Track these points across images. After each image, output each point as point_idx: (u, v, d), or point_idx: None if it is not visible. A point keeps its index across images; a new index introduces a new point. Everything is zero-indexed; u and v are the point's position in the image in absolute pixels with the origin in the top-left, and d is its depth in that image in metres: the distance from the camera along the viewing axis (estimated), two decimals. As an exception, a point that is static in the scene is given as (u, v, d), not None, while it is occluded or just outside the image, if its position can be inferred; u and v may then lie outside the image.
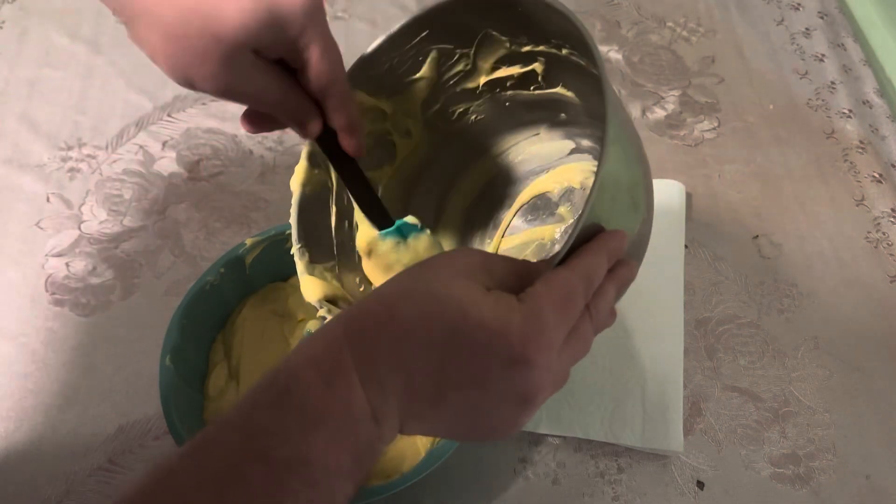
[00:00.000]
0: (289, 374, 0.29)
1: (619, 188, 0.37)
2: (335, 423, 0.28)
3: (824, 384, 0.58)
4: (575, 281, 0.32)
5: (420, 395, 0.29)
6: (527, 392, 0.30)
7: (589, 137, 0.52)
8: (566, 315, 0.31)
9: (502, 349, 0.29)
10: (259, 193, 0.66)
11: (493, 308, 0.30)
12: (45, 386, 0.55)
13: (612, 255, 0.35)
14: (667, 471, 0.53)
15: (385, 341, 0.29)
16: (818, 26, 0.84)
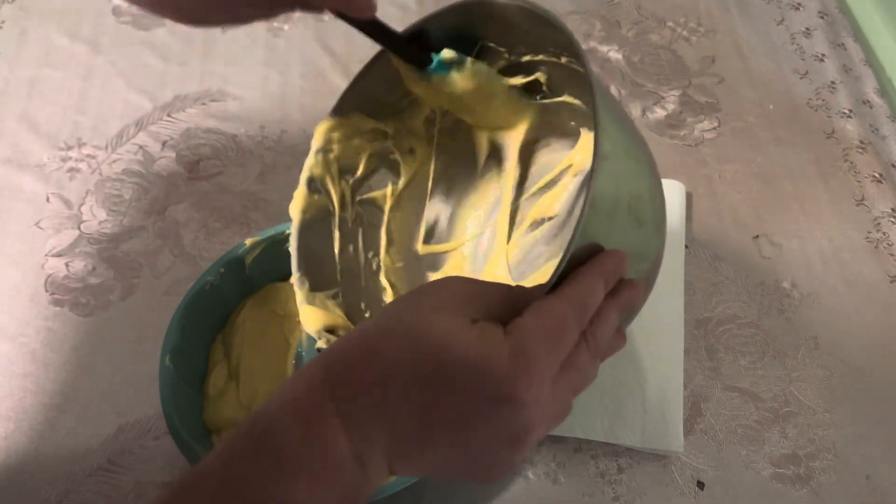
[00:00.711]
0: (266, 420, 0.28)
1: (618, 205, 0.35)
2: (315, 471, 0.27)
3: (824, 384, 0.58)
4: (565, 309, 0.30)
5: (405, 437, 0.28)
6: (517, 432, 0.29)
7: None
8: (557, 347, 0.30)
9: (487, 388, 0.28)
10: (259, 193, 0.66)
11: (477, 343, 0.28)
12: (45, 386, 0.55)
13: (609, 276, 0.33)
14: (667, 471, 0.53)
15: (366, 384, 0.28)
16: (818, 26, 0.84)
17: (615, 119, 0.37)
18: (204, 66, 0.76)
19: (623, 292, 0.35)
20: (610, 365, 0.57)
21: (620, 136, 0.37)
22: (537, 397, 0.28)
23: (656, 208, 0.40)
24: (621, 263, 0.34)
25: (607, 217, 0.35)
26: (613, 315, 0.34)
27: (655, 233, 0.40)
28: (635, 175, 0.38)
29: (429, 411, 0.28)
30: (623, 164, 0.36)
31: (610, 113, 0.36)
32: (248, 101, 0.73)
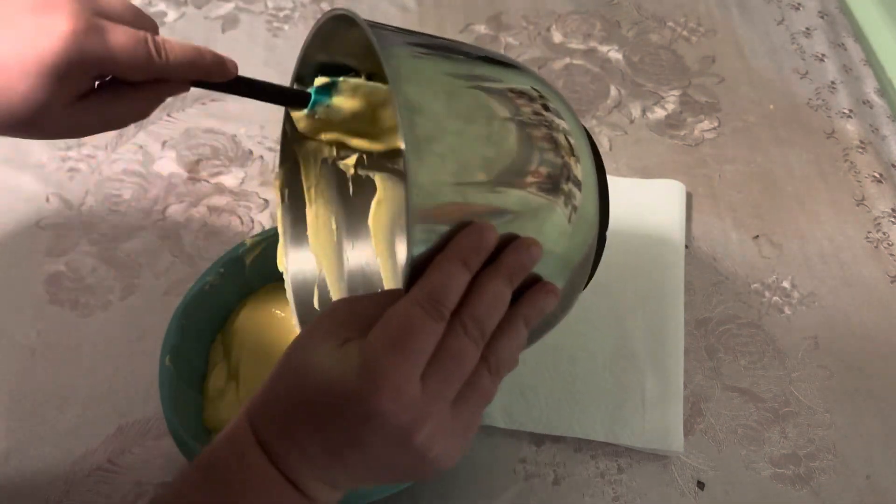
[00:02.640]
0: (209, 454, 0.31)
1: (461, 176, 0.32)
2: (253, 490, 0.30)
3: (824, 384, 0.58)
4: (408, 309, 0.30)
5: (320, 461, 0.31)
6: (401, 437, 0.30)
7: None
8: (405, 349, 0.29)
9: (352, 407, 0.29)
10: (259, 193, 0.66)
11: (338, 368, 0.30)
12: (45, 386, 0.55)
13: (469, 258, 0.31)
14: (667, 471, 0.53)
15: (273, 420, 0.31)
16: (818, 26, 0.84)
17: (425, 82, 0.33)
18: (204, 66, 0.76)
19: (508, 256, 0.32)
20: (610, 365, 0.57)
21: (438, 98, 0.33)
22: (398, 404, 0.29)
23: (551, 167, 0.35)
24: (481, 236, 0.31)
25: (453, 194, 0.31)
26: (518, 327, 0.33)
27: (555, 199, 0.34)
28: (480, 136, 0.33)
29: (324, 435, 0.30)
30: (451, 124, 0.32)
31: (409, 66, 0.32)
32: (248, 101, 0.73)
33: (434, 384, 0.30)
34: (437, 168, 0.31)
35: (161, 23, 0.80)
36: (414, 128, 0.30)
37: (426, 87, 0.32)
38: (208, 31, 0.79)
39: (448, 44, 0.38)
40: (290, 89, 0.42)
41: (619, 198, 0.67)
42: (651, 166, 0.71)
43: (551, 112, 0.36)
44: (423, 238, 0.31)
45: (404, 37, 0.36)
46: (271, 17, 0.81)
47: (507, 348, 0.33)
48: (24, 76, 0.32)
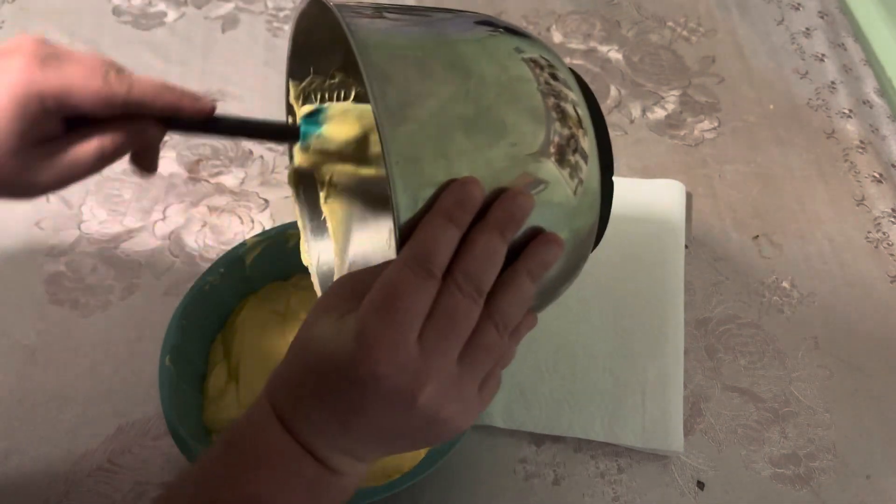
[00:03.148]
0: (231, 431, 0.32)
1: (441, 128, 0.31)
2: (275, 464, 0.31)
3: (824, 384, 0.58)
4: (397, 272, 0.30)
5: (332, 431, 0.31)
6: (403, 401, 0.30)
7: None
8: (395, 310, 0.29)
9: (350, 376, 0.29)
10: (259, 193, 0.66)
11: (337, 338, 0.30)
12: (45, 386, 0.55)
13: (454, 214, 0.30)
14: (667, 471, 0.53)
15: (287, 393, 0.32)
16: (818, 26, 0.84)
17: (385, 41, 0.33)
18: (204, 66, 0.76)
19: (496, 212, 0.32)
20: (610, 365, 0.57)
21: (399, 50, 0.32)
22: (392, 367, 0.29)
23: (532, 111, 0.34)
24: (463, 189, 0.31)
25: (433, 154, 0.31)
26: (521, 279, 0.32)
27: (544, 150, 0.33)
28: (457, 95, 0.32)
29: (331, 405, 0.30)
30: (425, 87, 0.32)
31: (372, 35, 0.32)
32: (248, 101, 0.73)
33: (431, 343, 0.30)
34: (413, 131, 0.31)
35: (161, 23, 0.80)
36: (385, 96, 0.30)
37: (396, 54, 0.32)
38: (208, 31, 0.79)
39: (422, 10, 0.37)
40: (275, 123, 0.41)
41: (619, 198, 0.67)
42: (651, 166, 0.71)
43: (542, 68, 0.35)
44: (409, 203, 0.30)
45: (377, 10, 0.35)
46: (271, 17, 0.81)
47: (511, 303, 0.32)
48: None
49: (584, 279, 0.61)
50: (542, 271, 0.33)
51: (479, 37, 0.35)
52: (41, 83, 0.34)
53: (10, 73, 0.34)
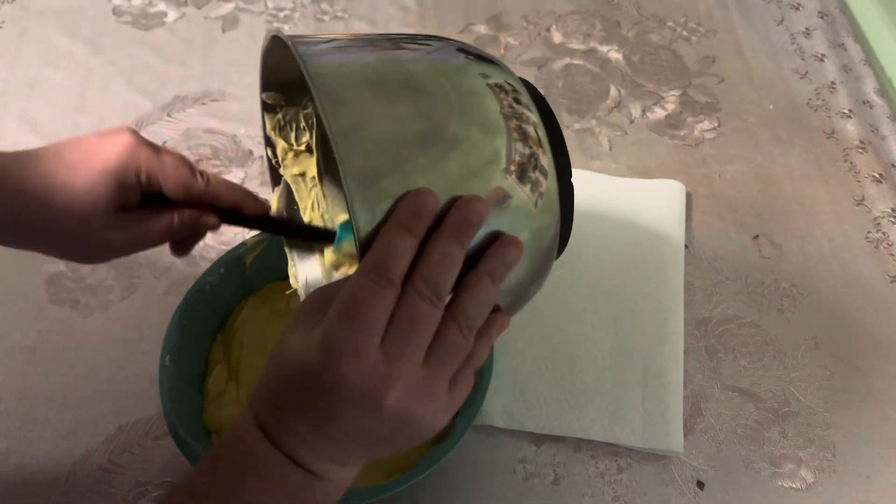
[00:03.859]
0: (220, 442, 0.34)
1: (398, 140, 0.33)
2: (260, 473, 0.32)
3: (824, 384, 0.58)
4: (357, 280, 0.31)
5: (311, 439, 0.32)
6: (369, 404, 0.31)
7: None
8: (355, 318, 0.30)
9: (319, 384, 0.31)
10: (259, 193, 0.66)
11: (304, 350, 0.31)
12: (45, 386, 0.55)
13: (409, 223, 0.32)
14: (667, 471, 0.53)
15: (266, 405, 0.33)
16: (818, 26, 0.84)
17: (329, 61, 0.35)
18: (204, 66, 0.76)
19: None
20: (610, 365, 0.57)
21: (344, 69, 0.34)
22: (357, 371, 0.30)
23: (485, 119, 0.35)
24: (416, 199, 0.32)
25: (388, 169, 0.32)
26: (481, 281, 0.33)
27: (469, 147, 0.34)
28: (409, 113, 0.34)
29: (305, 414, 0.32)
30: (377, 108, 0.33)
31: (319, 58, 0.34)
32: (248, 101, 0.73)
33: (393, 348, 0.31)
34: (368, 149, 0.32)
35: (161, 23, 0.80)
36: (339, 118, 0.32)
37: (348, 78, 0.34)
38: (208, 32, 0.79)
39: (377, 38, 0.39)
40: (317, 228, 0.45)
41: (619, 198, 0.68)
42: (651, 166, 0.71)
43: (506, 93, 0.37)
44: (368, 217, 0.32)
45: (331, 40, 0.37)
46: (271, 17, 0.81)
47: (473, 303, 0.33)
48: (88, 173, 0.39)
49: (584, 279, 0.61)
50: (504, 272, 0.34)
51: (440, 61, 0.37)
52: (141, 159, 0.40)
53: (118, 146, 0.40)
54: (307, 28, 0.80)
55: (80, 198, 0.39)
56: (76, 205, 0.39)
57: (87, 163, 0.39)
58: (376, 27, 0.81)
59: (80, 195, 0.39)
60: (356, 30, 0.80)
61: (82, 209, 0.39)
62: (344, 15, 0.82)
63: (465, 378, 0.34)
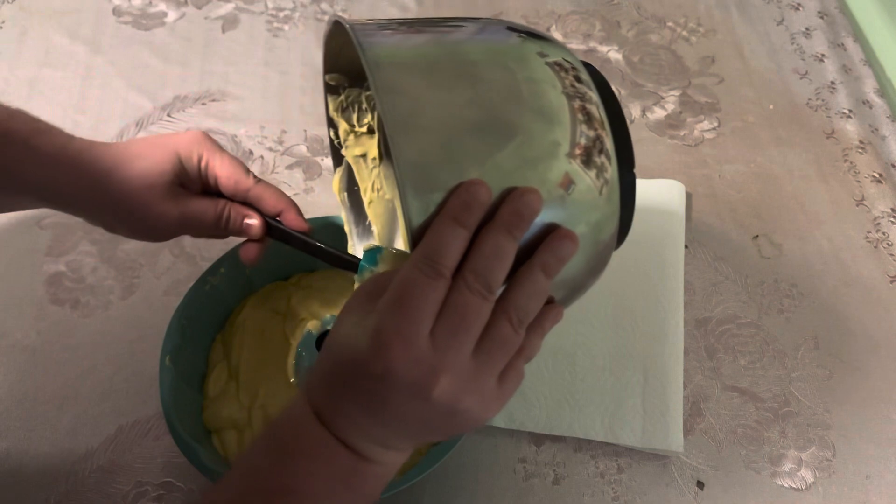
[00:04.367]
0: (272, 426, 0.35)
1: (451, 134, 0.33)
2: (312, 454, 0.33)
3: (824, 384, 0.58)
4: (407, 270, 0.32)
5: (364, 423, 0.33)
6: (419, 391, 0.31)
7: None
8: (405, 308, 0.31)
9: (370, 370, 0.31)
10: (259, 193, 0.66)
11: (356, 336, 0.32)
12: (45, 386, 0.55)
13: (460, 215, 0.32)
14: (667, 471, 0.53)
15: (320, 389, 0.34)
16: (818, 26, 0.84)
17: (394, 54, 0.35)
18: (204, 66, 0.76)
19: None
20: (610, 365, 0.57)
21: (409, 66, 0.34)
22: (405, 362, 0.31)
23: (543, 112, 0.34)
24: (468, 191, 0.32)
25: (442, 159, 0.32)
26: (533, 275, 0.33)
27: (555, 150, 0.34)
28: (464, 101, 0.33)
29: (358, 398, 0.33)
30: (432, 96, 0.33)
31: (382, 49, 0.34)
32: (248, 101, 0.73)
33: (442, 339, 0.31)
34: (422, 139, 0.32)
35: (161, 23, 0.80)
36: (394, 108, 0.32)
37: (404, 67, 0.34)
38: (208, 32, 0.79)
39: (438, 22, 0.38)
40: (343, 256, 0.46)
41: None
42: (651, 166, 0.71)
43: (566, 71, 0.36)
44: (420, 208, 0.32)
45: (390, 26, 0.37)
46: (271, 17, 0.81)
47: (525, 296, 0.33)
48: (158, 149, 0.45)
49: (584, 279, 0.61)
50: (558, 266, 0.34)
51: (496, 44, 0.36)
52: (205, 149, 0.46)
53: (188, 135, 0.46)
54: (306, 29, 0.80)
55: (149, 168, 0.44)
56: (146, 171, 0.44)
57: (158, 142, 0.45)
58: (376, 27, 0.81)
59: (149, 165, 0.44)
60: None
61: (149, 176, 0.44)
62: (344, 15, 0.82)
63: (515, 371, 0.35)
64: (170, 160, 0.45)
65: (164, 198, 0.45)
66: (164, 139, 0.46)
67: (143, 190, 0.44)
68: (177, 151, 0.45)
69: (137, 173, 0.44)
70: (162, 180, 0.44)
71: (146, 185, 0.44)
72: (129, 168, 0.44)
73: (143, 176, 0.44)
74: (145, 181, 0.44)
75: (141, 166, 0.44)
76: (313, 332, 0.52)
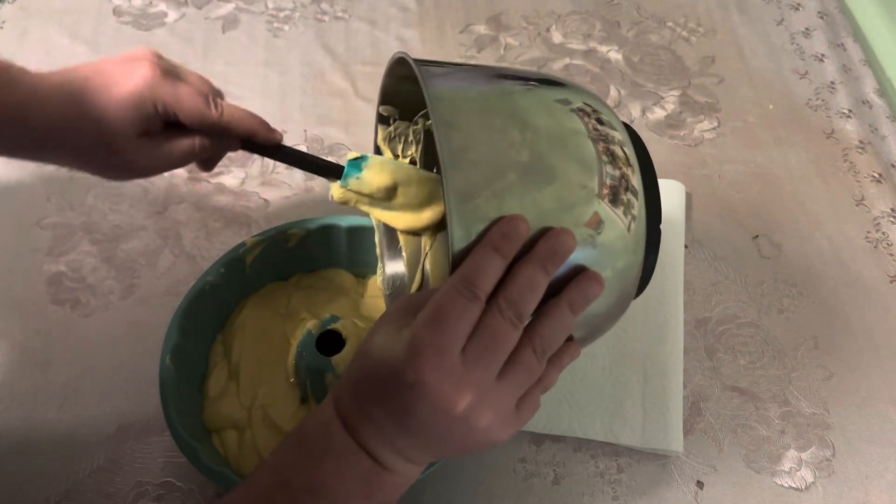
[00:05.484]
0: (302, 426, 0.37)
1: (498, 174, 0.35)
2: (335, 457, 0.35)
3: (824, 384, 0.58)
4: (446, 291, 0.33)
5: (389, 431, 0.35)
6: (444, 406, 0.33)
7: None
8: (442, 325, 0.33)
9: (402, 380, 0.33)
10: (259, 193, 0.66)
11: (392, 348, 0.34)
12: (45, 386, 0.55)
13: (500, 245, 0.34)
14: (667, 471, 0.53)
15: (349, 396, 0.36)
16: (818, 26, 0.84)
17: (452, 86, 0.38)
18: (204, 66, 0.76)
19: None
20: (610, 365, 0.57)
21: (464, 95, 0.37)
22: (438, 375, 0.32)
23: (582, 162, 0.37)
24: (510, 224, 0.34)
25: (487, 193, 0.35)
26: (560, 310, 0.35)
27: (590, 195, 0.37)
28: (513, 143, 0.36)
29: (386, 406, 0.34)
30: (484, 135, 0.36)
31: (443, 83, 0.38)
32: (248, 101, 0.73)
33: (473, 357, 0.33)
34: (471, 173, 0.35)
35: (161, 23, 0.80)
36: (449, 140, 0.35)
37: (462, 105, 0.37)
38: (208, 32, 0.79)
39: (491, 69, 0.42)
40: (325, 161, 0.48)
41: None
42: (651, 166, 0.71)
43: (588, 116, 0.39)
44: (462, 235, 0.34)
45: (452, 67, 0.40)
46: (271, 17, 0.82)
47: (551, 329, 0.35)
48: (110, 102, 0.42)
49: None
50: (583, 305, 0.36)
51: (544, 93, 0.40)
52: (158, 91, 0.43)
53: (136, 77, 0.43)
54: (306, 29, 0.80)
55: (104, 126, 0.42)
56: (100, 130, 0.42)
57: (108, 91, 0.43)
58: (376, 27, 0.81)
59: (103, 123, 0.42)
60: (356, 30, 0.80)
61: (106, 134, 0.42)
62: (344, 15, 0.82)
63: (532, 399, 0.37)
64: (124, 113, 0.43)
65: (125, 152, 0.44)
66: (112, 86, 0.43)
67: (102, 150, 0.43)
68: (129, 102, 0.43)
69: (92, 133, 0.43)
70: (119, 136, 0.43)
71: (104, 145, 0.43)
72: (84, 128, 0.43)
73: (100, 134, 0.43)
74: (103, 140, 0.43)
75: (95, 127, 0.43)
76: (313, 332, 0.52)
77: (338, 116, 0.73)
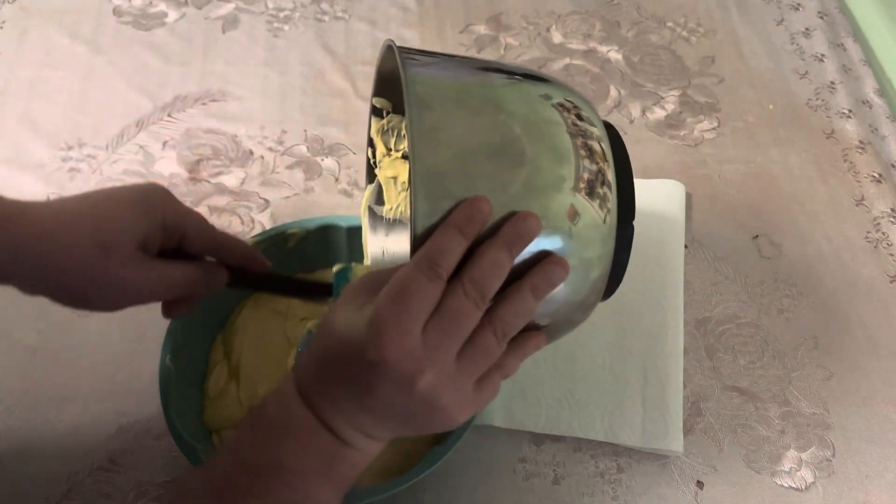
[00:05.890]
0: (260, 406, 0.37)
1: (467, 153, 0.36)
2: (295, 434, 0.35)
3: (824, 384, 0.58)
4: (408, 270, 0.33)
5: (349, 408, 0.35)
6: (404, 382, 0.33)
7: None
8: (403, 304, 0.33)
9: (362, 356, 0.33)
10: (259, 193, 0.66)
11: (353, 325, 0.34)
12: (45, 386, 0.55)
13: (462, 226, 0.34)
14: (667, 471, 0.53)
15: (310, 373, 0.36)
16: (818, 26, 0.84)
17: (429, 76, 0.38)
18: (204, 66, 0.76)
19: (507, 229, 0.35)
20: (610, 365, 0.57)
21: (438, 82, 0.37)
22: (398, 352, 0.32)
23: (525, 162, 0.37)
24: (473, 205, 0.34)
25: (456, 172, 0.35)
26: (522, 294, 0.35)
27: (559, 181, 0.36)
28: (485, 126, 0.36)
29: (347, 384, 0.34)
30: (458, 117, 0.36)
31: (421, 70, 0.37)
32: (248, 101, 0.73)
33: (433, 337, 0.33)
34: (441, 151, 0.35)
35: (161, 23, 0.80)
36: (421, 119, 0.35)
37: (438, 89, 0.37)
38: (208, 32, 0.79)
39: (477, 61, 0.42)
40: (315, 283, 0.49)
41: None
42: (651, 166, 0.71)
43: (568, 111, 0.39)
44: (427, 211, 0.34)
45: (433, 55, 0.40)
46: (271, 17, 0.82)
47: (512, 312, 0.35)
48: (116, 204, 0.40)
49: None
50: (546, 289, 0.36)
51: (521, 83, 0.40)
52: (168, 203, 0.42)
53: (148, 187, 0.42)
54: (306, 29, 0.80)
55: (104, 224, 0.39)
56: (99, 230, 0.39)
57: (115, 195, 0.41)
58: (376, 27, 0.81)
59: (104, 221, 0.39)
60: (356, 30, 0.80)
61: (104, 236, 0.39)
62: (344, 15, 0.82)
63: (491, 383, 0.37)
64: (129, 215, 0.40)
65: (121, 264, 0.39)
66: (119, 191, 0.41)
67: (97, 256, 0.39)
68: (136, 203, 0.40)
69: (90, 233, 0.38)
70: (120, 241, 0.39)
71: (101, 247, 0.39)
72: (79, 228, 0.38)
73: (98, 235, 0.39)
74: (100, 241, 0.39)
75: (94, 225, 0.39)
76: (313, 331, 0.52)
77: (338, 116, 0.73)
